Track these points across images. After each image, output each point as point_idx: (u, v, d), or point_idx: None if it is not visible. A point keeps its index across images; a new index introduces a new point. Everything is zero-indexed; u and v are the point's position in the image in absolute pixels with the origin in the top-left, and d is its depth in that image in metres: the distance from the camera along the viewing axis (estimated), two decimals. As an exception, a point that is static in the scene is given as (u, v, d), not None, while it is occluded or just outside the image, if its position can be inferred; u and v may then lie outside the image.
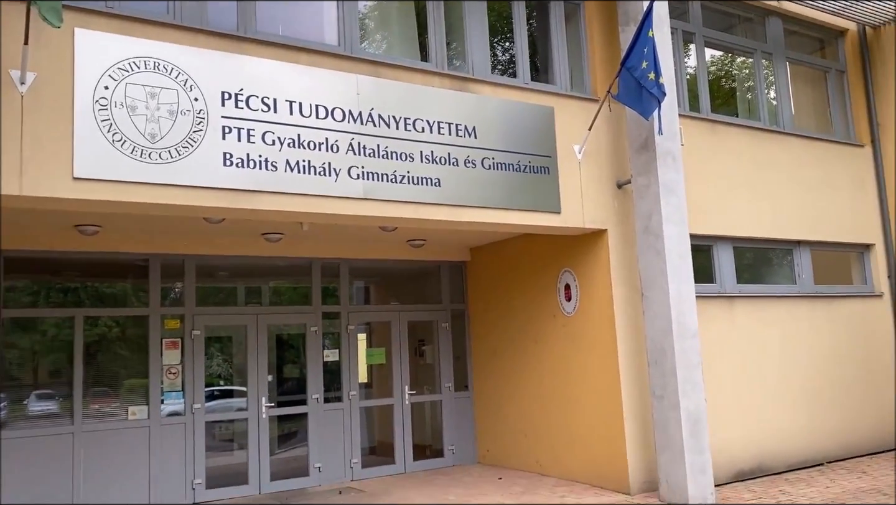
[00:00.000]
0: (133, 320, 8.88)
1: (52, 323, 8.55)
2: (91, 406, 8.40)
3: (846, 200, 10.97)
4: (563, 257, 9.27)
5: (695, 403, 7.86)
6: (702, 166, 9.36)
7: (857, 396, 10.41)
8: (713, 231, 9.44)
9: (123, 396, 8.66)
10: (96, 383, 8.56)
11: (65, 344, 8.42)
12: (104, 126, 5.92)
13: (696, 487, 7.72)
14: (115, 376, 8.78)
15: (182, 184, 6.20)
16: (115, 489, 8.20)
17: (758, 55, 10.76)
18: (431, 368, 10.91)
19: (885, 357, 10.86)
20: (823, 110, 11.64)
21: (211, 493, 8.74)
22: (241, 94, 6.58)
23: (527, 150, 8.14)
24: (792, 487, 8.53)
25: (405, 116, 7.39)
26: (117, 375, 8.80)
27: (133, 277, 8.99)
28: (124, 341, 8.96)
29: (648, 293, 8.21)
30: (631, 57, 7.77)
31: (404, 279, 11.58)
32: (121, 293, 9.11)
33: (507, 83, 8.40)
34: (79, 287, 8.88)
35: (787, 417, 9.64)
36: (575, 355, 9.07)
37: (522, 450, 9.89)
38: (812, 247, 10.61)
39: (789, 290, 10.27)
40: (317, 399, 9.61)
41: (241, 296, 10.08)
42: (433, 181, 7.44)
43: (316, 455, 9.50)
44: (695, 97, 9.89)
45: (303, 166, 6.78)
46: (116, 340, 8.91)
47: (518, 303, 10.06)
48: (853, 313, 10.69)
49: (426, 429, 10.88)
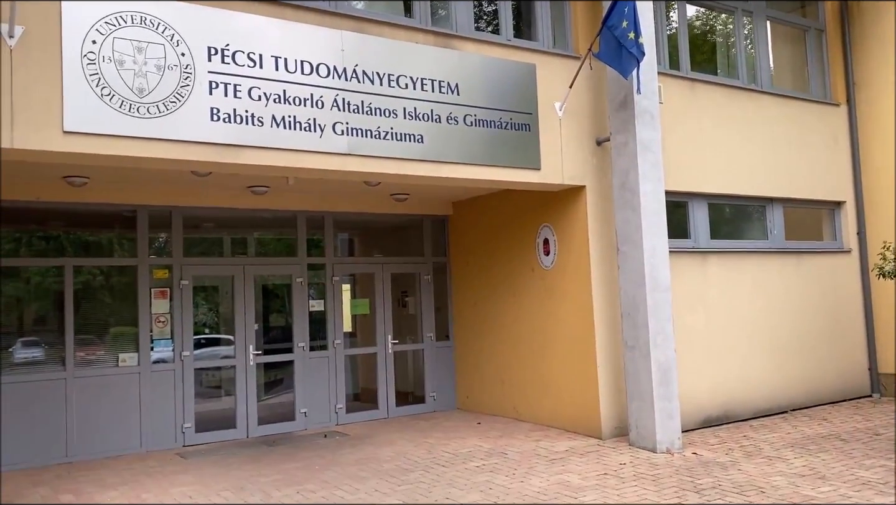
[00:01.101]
0: (122, 270, 9.10)
1: (36, 272, 8.73)
2: (81, 353, 8.64)
3: (820, 159, 11.25)
4: (542, 212, 9.52)
5: (665, 353, 8.22)
6: (680, 124, 9.57)
7: (823, 347, 10.87)
8: (689, 188, 9.69)
9: (113, 344, 8.90)
10: (86, 331, 8.78)
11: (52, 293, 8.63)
12: (93, 80, 6.03)
13: (664, 432, 8.12)
14: (104, 324, 9.01)
15: (170, 138, 6.34)
16: (108, 433, 8.51)
17: (739, 13, 10.88)
18: (414, 319, 11.23)
19: (851, 311, 11.30)
20: (801, 69, 11.83)
21: (200, 436, 9.07)
22: (227, 49, 6.68)
23: (508, 107, 8.30)
24: (755, 433, 8.98)
25: (389, 73, 7.52)
26: (107, 324, 9.03)
27: (121, 228, 9.16)
28: (113, 290, 9.17)
29: (624, 248, 8.49)
30: (612, 16, 7.88)
31: (387, 232, 11.81)
32: (109, 243, 9.29)
33: (490, 40, 8.51)
34: (68, 237, 9.04)
35: (754, 367, 10.07)
36: (552, 307, 9.39)
37: (500, 397, 10.30)
38: (785, 204, 10.93)
39: (761, 245, 10.61)
40: (303, 347, 9.92)
41: (228, 247, 10.28)
42: (416, 137, 7.61)
43: (302, 401, 9.84)
44: (675, 55, 10.03)
45: (288, 122, 6.92)
46: (105, 289, 9.12)
47: (498, 256, 10.34)
48: (822, 268, 11.07)
49: (408, 376, 11.26)
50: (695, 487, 6.66)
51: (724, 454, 7.91)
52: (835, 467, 7.19)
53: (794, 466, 7.31)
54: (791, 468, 7.21)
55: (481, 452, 8.18)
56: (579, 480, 6.95)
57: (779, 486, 6.60)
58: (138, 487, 7.13)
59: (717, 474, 7.06)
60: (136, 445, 8.68)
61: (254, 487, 7.01)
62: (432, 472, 7.42)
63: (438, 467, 7.59)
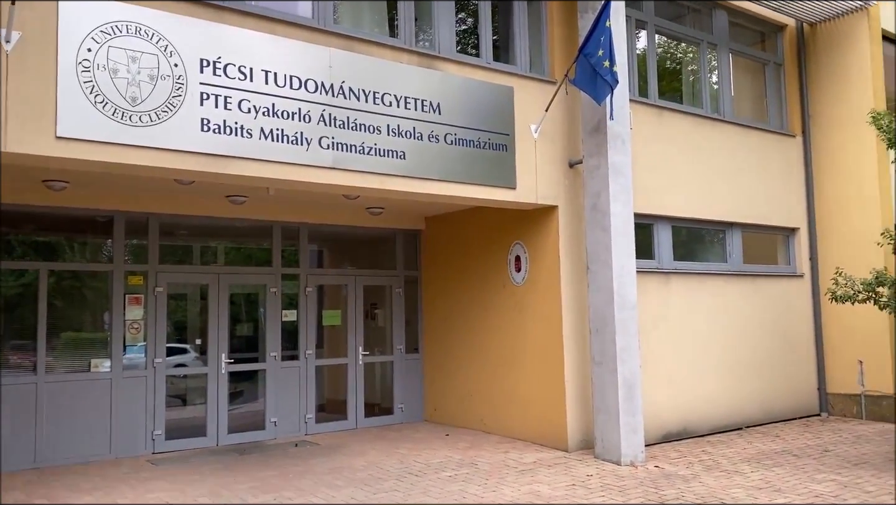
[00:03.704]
0: (97, 276, 9.08)
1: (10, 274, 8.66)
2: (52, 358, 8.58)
3: (776, 186, 11.81)
4: (515, 230, 9.81)
5: (630, 369, 8.54)
6: (647, 149, 9.98)
7: (777, 367, 11.36)
8: (654, 211, 10.10)
9: (86, 350, 8.86)
10: (59, 336, 8.73)
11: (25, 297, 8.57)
12: (87, 87, 6.11)
13: (628, 445, 8.43)
14: (78, 330, 8.96)
15: (161, 147, 6.44)
16: (78, 439, 8.47)
17: (703, 45, 11.39)
18: (383, 331, 11.39)
19: (802, 333, 11.83)
20: (760, 100, 12.41)
21: (170, 443, 9.08)
22: (219, 62, 6.82)
23: (487, 127, 8.58)
24: (713, 448, 9.36)
25: (374, 90, 7.74)
26: (80, 329, 8.99)
27: (98, 233, 9.15)
28: (87, 296, 9.14)
29: (593, 267, 8.81)
30: (588, 44, 8.22)
31: (361, 245, 11.97)
32: (85, 248, 9.26)
33: (471, 62, 8.79)
34: (44, 241, 8.99)
35: (712, 385, 10.48)
36: (522, 323, 9.66)
37: (468, 409, 10.51)
38: (743, 229, 11.42)
39: (720, 267, 11.07)
40: (275, 357, 9.99)
41: (204, 255, 10.32)
42: (399, 154, 7.83)
43: (272, 410, 9.91)
44: (644, 83, 10.46)
45: (276, 135, 7.08)
46: (80, 295, 9.08)
47: (470, 272, 10.59)
48: (777, 291, 11.59)
49: (377, 388, 11.39)
50: (659, 497, 6.96)
51: (685, 468, 8.25)
52: (789, 481, 7.58)
53: (751, 479, 7.68)
54: (749, 481, 7.57)
55: (452, 463, 8.38)
56: (549, 491, 7.19)
57: (738, 497, 6.94)
58: (113, 492, 7.14)
59: (679, 486, 7.38)
60: (105, 452, 8.64)
61: (230, 493, 7.08)
62: (406, 481, 7.59)
63: (412, 477, 7.75)
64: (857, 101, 11.52)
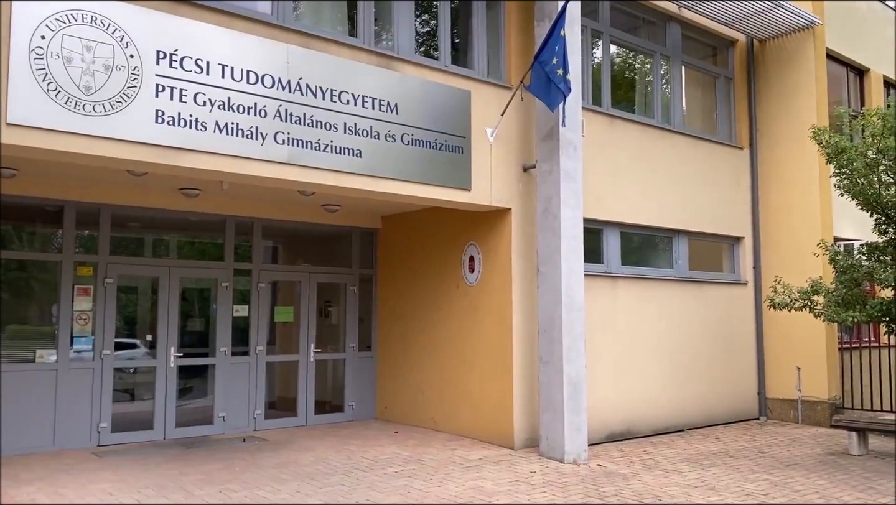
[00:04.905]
0: (45, 266, 8.97)
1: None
2: (-3, 347, 8.49)
3: (723, 196, 12.18)
4: (469, 231, 9.96)
5: (576, 369, 8.75)
6: (599, 156, 10.22)
7: (719, 371, 11.72)
8: (604, 216, 10.35)
9: (32, 340, 8.74)
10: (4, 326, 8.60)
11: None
12: (39, 75, 6.08)
13: (572, 444, 8.63)
14: (23, 320, 8.84)
15: (114, 137, 6.43)
16: (19, 430, 8.34)
17: (657, 57, 11.71)
18: (336, 329, 11.45)
19: (744, 339, 12.22)
20: (710, 113, 12.79)
21: (116, 436, 9.00)
22: (175, 54, 6.82)
23: (443, 129, 8.72)
24: (654, 448, 9.63)
25: (332, 88, 7.81)
26: (26, 319, 8.86)
27: (48, 223, 9.04)
28: (34, 286, 9.02)
29: (543, 269, 9.01)
30: (544, 52, 8.42)
31: (316, 241, 12.00)
32: (34, 238, 9.14)
33: (429, 65, 8.92)
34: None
35: (656, 388, 10.78)
36: (474, 322, 9.82)
37: (419, 408, 10.63)
38: (690, 236, 11.77)
39: (666, 273, 11.39)
40: (224, 352, 9.98)
41: (156, 248, 10.25)
42: (355, 152, 7.91)
43: (221, 405, 9.90)
44: (598, 92, 10.72)
45: (231, 128, 7.11)
46: (26, 284, 8.96)
47: (425, 271, 10.71)
48: (721, 298, 11.96)
49: (328, 385, 11.44)
50: (598, 494, 7.16)
51: (626, 466, 8.48)
52: (724, 480, 7.86)
53: (688, 478, 7.94)
54: (685, 480, 7.83)
55: (399, 459, 8.48)
56: (492, 486, 7.34)
57: (674, 495, 7.19)
58: (55, 483, 7.07)
59: (618, 483, 7.60)
60: (48, 444, 8.54)
61: (175, 485, 7.08)
62: (352, 476, 7.67)
63: (358, 472, 7.84)
64: (803, 117, 11.96)
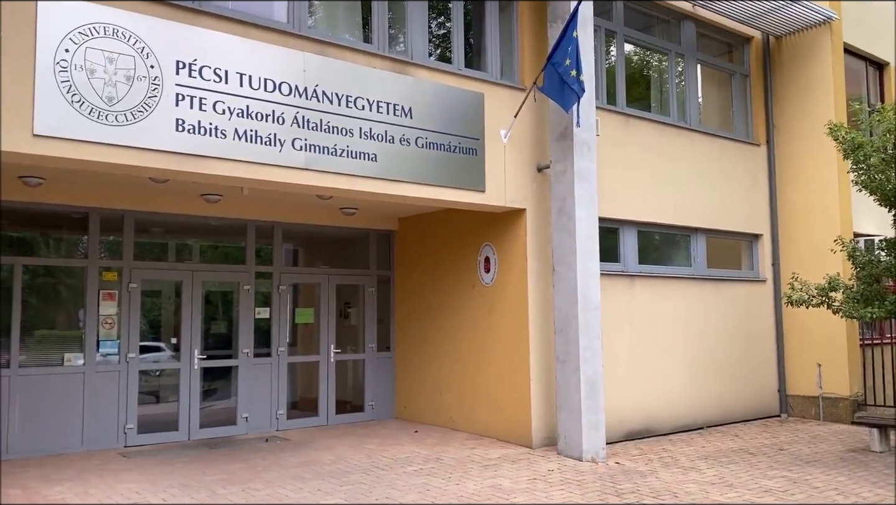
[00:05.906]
0: (71, 271, 9.20)
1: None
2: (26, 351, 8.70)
3: (741, 194, 12.17)
4: (484, 232, 10.06)
5: (593, 368, 8.82)
6: (614, 155, 10.27)
7: (738, 369, 11.70)
8: (620, 215, 10.40)
9: (59, 344, 8.98)
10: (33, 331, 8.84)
11: (1, 290, 8.69)
12: (64, 87, 6.27)
13: (589, 442, 8.70)
14: (51, 325, 9.08)
15: (136, 146, 6.61)
16: (49, 431, 8.59)
17: (672, 55, 11.73)
18: (355, 329, 11.60)
19: (764, 336, 12.20)
20: (727, 110, 12.77)
21: (142, 437, 9.22)
22: (194, 64, 7.00)
23: (457, 131, 8.82)
24: (673, 446, 9.66)
25: (347, 94, 7.95)
26: (53, 324, 9.10)
27: (73, 230, 9.28)
28: (62, 291, 9.26)
29: (559, 268, 9.08)
30: (556, 53, 8.50)
31: (334, 244, 12.17)
32: (60, 244, 9.38)
33: (443, 69, 9.03)
34: (18, 236, 9.10)
35: (675, 386, 10.80)
36: (490, 322, 9.91)
37: (437, 407, 10.75)
38: (708, 234, 11.76)
39: (684, 272, 11.40)
40: (247, 353, 10.16)
41: (178, 252, 10.47)
42: (370, 156, 8.05)
43: (244, 406, 10.08)
44: (612, 91, 10.76)
45: (250, 136, 7.27)
46: (54, 289, 9.20)
47: (441, 272, 10.83)
48: (739, 296, 11.94)
49: (348, 385, 11.60)
50: (616, 491, 7.23)
51: (644, 464, 8.53)
52: (742, 477, 7.88)
53: (706, 475, 7.98)
54: (703, 477, 7.87)
55: (419, 458, 8.60)
56: (510, 484, 7.44)
57: (691, 491, 7.23)
58: (84, 483, 7.28)
59: (636, 481, 7.65)
60: (77, 445, 8.77)
61: (199, 484, 7.26)
62: (372, 474, 7.80)
63: (378, 470, 7.97)
64: (820, 113, 11.90)
